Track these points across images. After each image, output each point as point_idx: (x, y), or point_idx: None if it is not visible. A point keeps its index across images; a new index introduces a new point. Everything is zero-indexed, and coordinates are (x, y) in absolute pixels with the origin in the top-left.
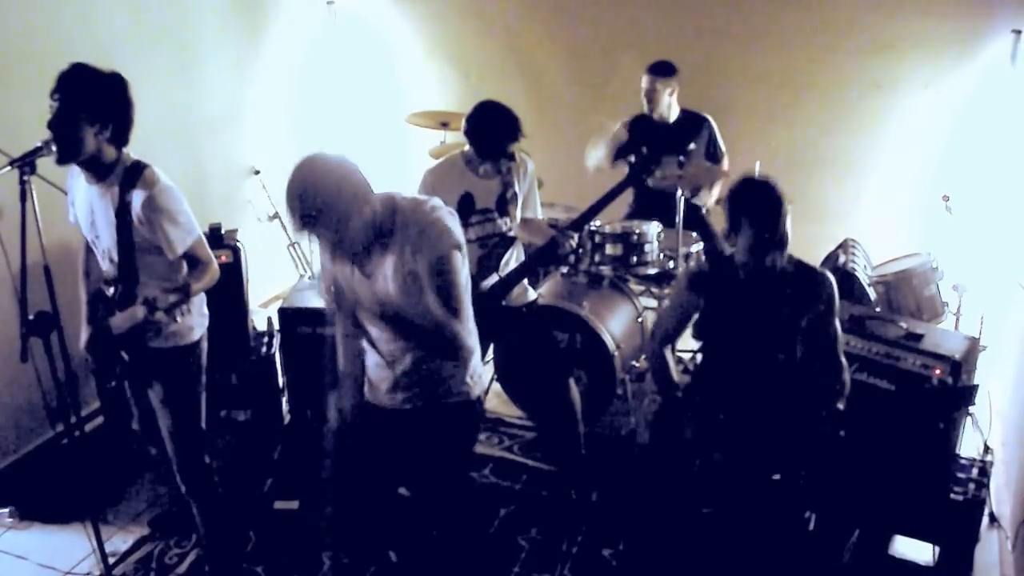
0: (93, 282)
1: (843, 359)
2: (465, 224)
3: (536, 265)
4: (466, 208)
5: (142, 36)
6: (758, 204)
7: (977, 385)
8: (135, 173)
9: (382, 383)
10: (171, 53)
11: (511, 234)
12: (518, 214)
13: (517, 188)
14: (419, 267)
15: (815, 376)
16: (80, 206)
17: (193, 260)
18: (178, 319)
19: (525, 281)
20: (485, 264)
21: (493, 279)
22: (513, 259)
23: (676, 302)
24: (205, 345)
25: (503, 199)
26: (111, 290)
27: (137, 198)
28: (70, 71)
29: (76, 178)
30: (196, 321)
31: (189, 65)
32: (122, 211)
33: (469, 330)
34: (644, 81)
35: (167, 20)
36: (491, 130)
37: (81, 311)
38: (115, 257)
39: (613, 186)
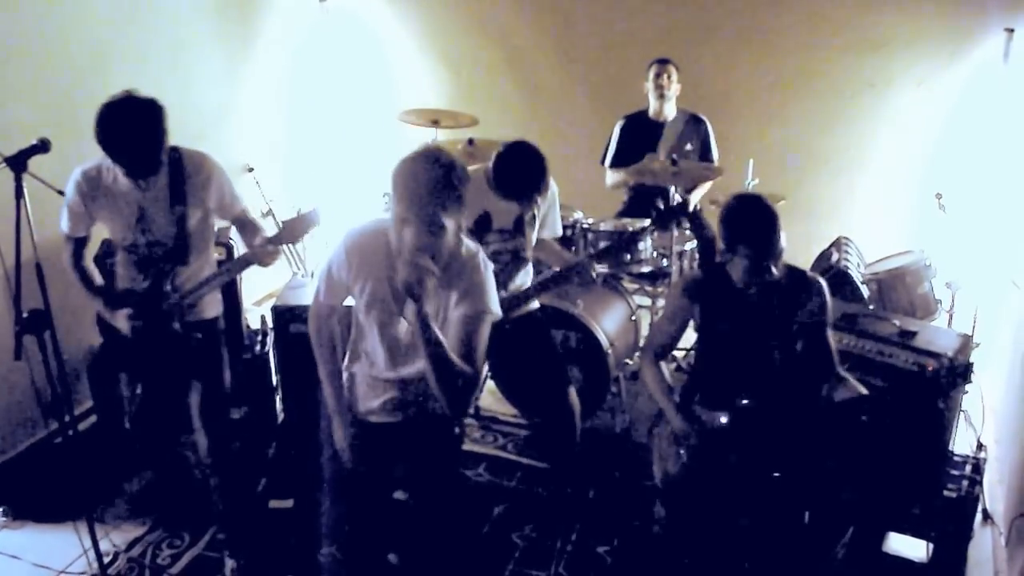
0: (122, 280)
1: (842, 372)
2: (481, 242)
3: (552, 287)
4: (483, 227)
5: (135, 35)
6: (754, 228)
7: (972, 363)
8: (177, 156)
9: (374, 400)
10: (164, 52)
11: (523, 255)
12: (534, 236)
13: (536, 211)
14: (456, 313)
15: (812, 383)
16: (118, 211)
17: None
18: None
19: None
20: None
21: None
22: (519, 277)
23: (671, 312)
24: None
25: (520, 220)
26: (142, 278)
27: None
28: (124, 114)
29: (102, 189)
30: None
31: (182, 64)
32: (178, 191)
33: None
34: (653, 69)
35: (160, 19)
36: (518, 179)
37: (96, 307)
38: (168, 241)
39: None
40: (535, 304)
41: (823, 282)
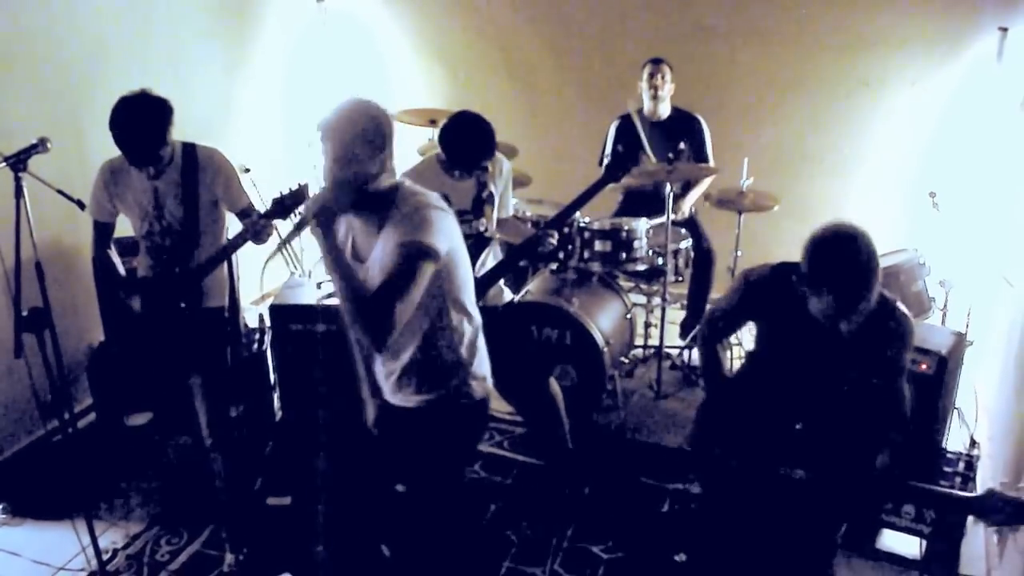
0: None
1: (906, 403)
2: None
3: (515, 263)
4: None
5: (131, 36)
6: (839, 280)
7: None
8: (191, 151)
9: (387, 378)
10: (160, 52)
11: (487, 235)
12: (495, 214)
13: (493, 188)
14: (389, 245)
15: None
16: (137, 200)
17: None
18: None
19: (502, 282)
20: None
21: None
22: (490, 259)
23: (728, 304)
24: None
25: (479, 200)
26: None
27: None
28: (132, 108)
29: (124, 179)
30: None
31: (179, 64)
32: (189, 182)
33: (391, 327)
34: (647, 69)
35: (156, 20)
36: (465, 146)
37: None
38: (180, 228)
39: (591, 184)
40: (507, 296)
41: (909, 316)
